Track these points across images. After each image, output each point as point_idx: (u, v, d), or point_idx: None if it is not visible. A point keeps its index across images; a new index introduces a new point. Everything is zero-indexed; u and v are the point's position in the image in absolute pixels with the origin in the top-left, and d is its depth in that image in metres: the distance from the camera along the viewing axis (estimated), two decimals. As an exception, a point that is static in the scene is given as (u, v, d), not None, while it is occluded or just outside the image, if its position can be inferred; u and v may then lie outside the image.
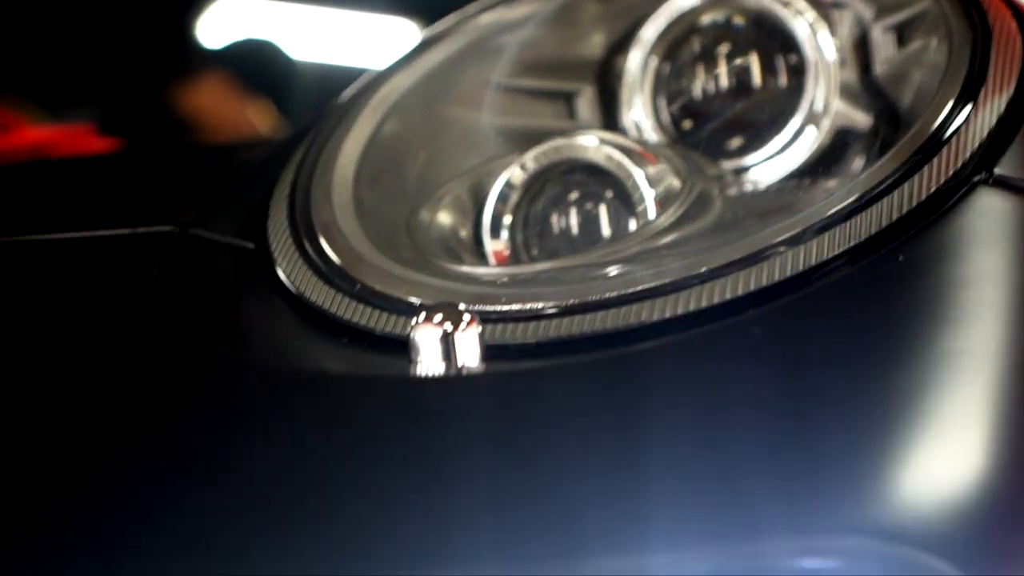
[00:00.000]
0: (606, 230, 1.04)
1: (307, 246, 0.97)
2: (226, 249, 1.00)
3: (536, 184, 1.06)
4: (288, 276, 0.96)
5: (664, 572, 0.69)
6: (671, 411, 0.75)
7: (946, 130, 0.89)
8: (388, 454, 0.74)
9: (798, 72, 1.05)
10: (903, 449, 0.73)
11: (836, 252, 0.84)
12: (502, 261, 1.05)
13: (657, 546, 0.69)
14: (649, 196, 1.03)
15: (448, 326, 0.82)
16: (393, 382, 0.81)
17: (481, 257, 1.06)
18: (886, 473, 0.72)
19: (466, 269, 1.00)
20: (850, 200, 0.87)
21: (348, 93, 1.13)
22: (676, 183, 1.03)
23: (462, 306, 0.83)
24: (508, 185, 1.06)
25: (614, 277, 0.90)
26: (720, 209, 1.01)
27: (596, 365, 0.80)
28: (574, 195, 1.06)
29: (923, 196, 0.85)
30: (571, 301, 0.87)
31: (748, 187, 1.05)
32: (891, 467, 0.72)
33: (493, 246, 1.06)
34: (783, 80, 1.07)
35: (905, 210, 0.85)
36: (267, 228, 1.00)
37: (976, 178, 0.86)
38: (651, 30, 1.11)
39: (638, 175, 1.03)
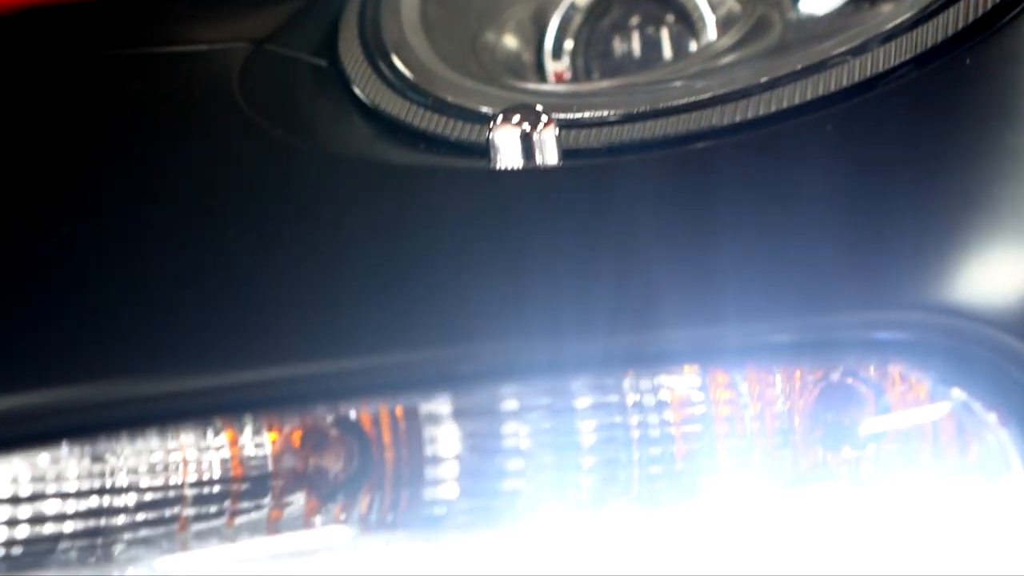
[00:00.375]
0: (668, 53, 1.07)
1: (379, 62, 1.00)
2: (300, 64, 1.02)
3: (599, 8, 1.08)
4: (362, 90, 0.98)
5: (738, 343, 0.73)
6: (743, 198, 0.78)
7: (1010, -54, 0.90)
8: (471, 235, 0.78)
9: (856, -103, 1.07)
10: (970, 233, 0.76)
11: (902, 60, 0.87)
12: (564, 82, 1.08)
13: (731, 318, 0.73)
14: (710, 19, 1.05)
15: (526, 126, 0.85)
16: (475, 172, 0.85)
17: (544, 79, 1.08)
18: (954, 256, 0.75)
19: (533, 85, 1.03)
20: (914, 11, 0.89)
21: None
22: (736, 7, 1.05)
23: (539, 108, 0.86)
24: (572, 7, 1.08)
25: (681, 87, 0.93)
26: (780, 32, 1.03)
27: (670, 159, 0.83)
28: (635, 19, 1.08)
29: (988, 6, 0.87)
30: (641, 108, 0.90)
31: (807, 12, 1.07)
32: (958, 250, 0.75)
33: (555, 67, 1.08)
34: (842, -94, 1.08)
35: (971, 19, 0.87)
36: (338, 45, 1.03)
37: (1043, -12, 0.88)
38: None
39: (699, -2, 1.05)
